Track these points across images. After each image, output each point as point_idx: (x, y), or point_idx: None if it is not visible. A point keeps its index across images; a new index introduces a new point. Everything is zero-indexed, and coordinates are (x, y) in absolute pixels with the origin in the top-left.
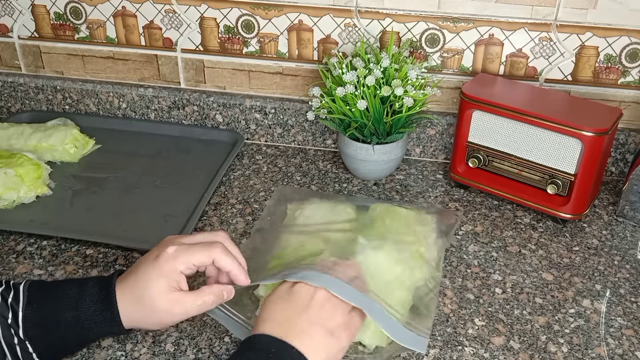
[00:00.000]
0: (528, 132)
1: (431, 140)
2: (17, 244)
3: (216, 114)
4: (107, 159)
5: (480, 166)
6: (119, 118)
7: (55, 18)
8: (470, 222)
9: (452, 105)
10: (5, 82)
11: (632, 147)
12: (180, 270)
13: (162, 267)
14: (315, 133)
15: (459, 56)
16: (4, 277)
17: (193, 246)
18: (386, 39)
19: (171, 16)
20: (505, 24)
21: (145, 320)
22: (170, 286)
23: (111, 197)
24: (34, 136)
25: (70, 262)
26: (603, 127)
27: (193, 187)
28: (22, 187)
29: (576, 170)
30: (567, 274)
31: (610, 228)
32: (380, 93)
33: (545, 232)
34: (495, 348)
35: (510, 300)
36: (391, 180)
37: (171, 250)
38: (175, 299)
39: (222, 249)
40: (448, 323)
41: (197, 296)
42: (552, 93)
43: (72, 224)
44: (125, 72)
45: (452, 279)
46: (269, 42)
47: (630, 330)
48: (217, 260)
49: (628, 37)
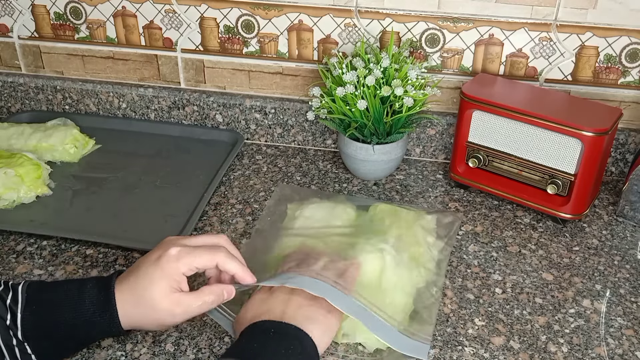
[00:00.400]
0: (528, 132)
1: (431, 140)
2: (17, 244)
3: (216, 114)
4: (107, 159)
5: (480, 166)
6: (119, 118)
7: (55, 18)
8: (470, 222)
9: (452, 105)
10: (5, 82)
11: (632, 147)
12: (182, 272)
13: (164, 268)
14: (315, 133)
15: (459, 56)
16: (3, 277)
17: (196, 249)
18: (386, 39)
19: (171, 16)
20: (505, 24)
21: (145, 321)
22: (171, 287)
23: (111, 197)
24: (34, 136)
25: (70, 262)
26: (603, 127)
27: (193, 187)
28: (22, 187)
29: (576, 170)
30: (567, 274)
31: (610, 228)
32: (380, 93)
33: (545, 232)
34: (495, 348)
35: (510, 300)
36: (391, 180)
37: (174, 251)
38: (176, 299)
39: (225, 253)
40: (448, 323)
41: (198, 296)
42: (552, 93)
43: (72, 224)
44: (125, 72)
45: (452, 279)
46: (269, 42)
47: (630, 330)
48: (222, 264)
49: (628, 37)
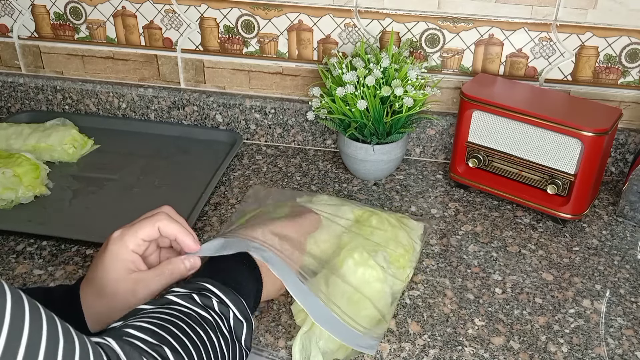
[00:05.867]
0: (528, 132)
1: (431, 140)
2: (17, 244)
3: (216, 114)
4: (106, 159)
5: (480, 166)
6: (119, 118)
7: (55, 18)
8: (470, 222)
9: (452, 105)
10: (5, 82)
11: (632, 147)
12: (131, 249)
13: (111, 250)
14: (315, 133)
15: (458, 56)
16: (3, 277)
17: (137, 222)
18: (386, 39)
19: (171, 16)
20: (505, 24)
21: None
22: (128, 268)
23: (110, 197)
24: (33, 136)
25: (70, 262)
26: (603, 127)
27: (192, 187)
28: (21, 187)
29: (576, 170)
30: (567, 274)
31: (610, 228)
32: (380, 93)
33: (545, 232)
34: (495, 348)
35: (510, 300)
36: (391, 180)
37: (116, 233)
38: (135, 278)
39: (166, 217)
40: (448, 323)
41: (155, 270)
42: (552, 93)
43: (71, 224)
44: (125, 72)
45: (452, 279)
46: (269, 42)
47: (630, 330)
48: (162, 228)
49: (628, 37)
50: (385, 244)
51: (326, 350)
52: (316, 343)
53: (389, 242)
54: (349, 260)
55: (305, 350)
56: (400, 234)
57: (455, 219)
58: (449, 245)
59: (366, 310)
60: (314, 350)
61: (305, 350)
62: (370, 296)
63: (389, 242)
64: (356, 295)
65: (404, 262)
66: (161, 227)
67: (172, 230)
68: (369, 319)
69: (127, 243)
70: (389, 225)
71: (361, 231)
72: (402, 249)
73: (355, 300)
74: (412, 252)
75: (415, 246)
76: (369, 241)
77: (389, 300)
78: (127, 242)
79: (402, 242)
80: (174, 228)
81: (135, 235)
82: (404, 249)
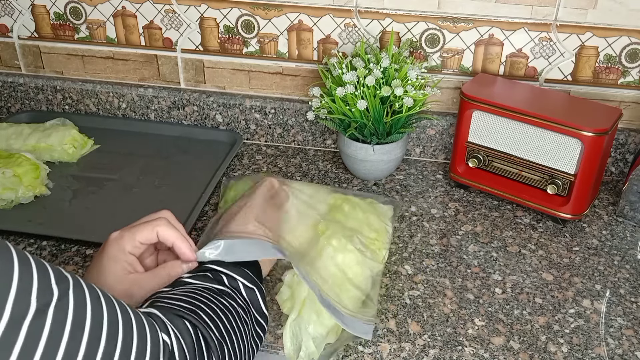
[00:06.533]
0: (528, 132)
1: (431, 140)
2: (17, 244)
3: (216, 114)
4: (106, 159)
5: (480, 166)
6: (119, 118)
7: (55, 18)
8: (470, 222)
9: (452, 105)
10: (5, 82)
11: (632, 147)
12: (128, 251)
13: (109, 252)
14: (315, 133)
15: (458, 56)
16: None
17: (136, 225)
18: (386, 39)
19: (171, 16)
20: (505, 24)
21: None
22: (124, 269)
23: (110, 197)
24: (33, 136)
25: (70, 262)
26: (603, 127)
27: (192, 187)
28: (21, 187)
29: (576, 170)
30: (567, 274)
31: (610, 228)
32: (380, 93)
33: (545, 232)
34: (495, 348)
35: (510, 300)
36: (391, 180)
37: (115, 234)
38: (131, 280)
39: (165, 223)
40: (448, 323)
41: (152, 272)
42: (552, 93)
43: (71, 224)
44: (125, 72)
45: (452, 279)
46: (269, 42)
47: (630, 330)
48: (161, 233)
49: (628, 37)
50: (359, 229)
51: (316, 335)
52: (306, 329)
53: (362, 226)
54: (328, 248)
55: (296, 337)
56: (371, 217)
57: (455, 219)
58: (449, 245)
59: (348, 292)
60: (304, 336)
61: (296, 337)
62: (352, 278)
63: (363, 227)
64: (338, 279)
65: (378, 245)
66: (160, 232)
67: (170, 236)
68: (353, 301)
69: (125, 244)
70: (360, 210)
71: (336, 218)
72: (374, 232)
73: (338, 284)
74: (385, 234)
75: (388, 228)
76: (345, 227)
77: (369, 282)
78: (125, 244)
79: (374, 226)
80: (172, 234)
81: (133, 237)
82: (377, 233)
